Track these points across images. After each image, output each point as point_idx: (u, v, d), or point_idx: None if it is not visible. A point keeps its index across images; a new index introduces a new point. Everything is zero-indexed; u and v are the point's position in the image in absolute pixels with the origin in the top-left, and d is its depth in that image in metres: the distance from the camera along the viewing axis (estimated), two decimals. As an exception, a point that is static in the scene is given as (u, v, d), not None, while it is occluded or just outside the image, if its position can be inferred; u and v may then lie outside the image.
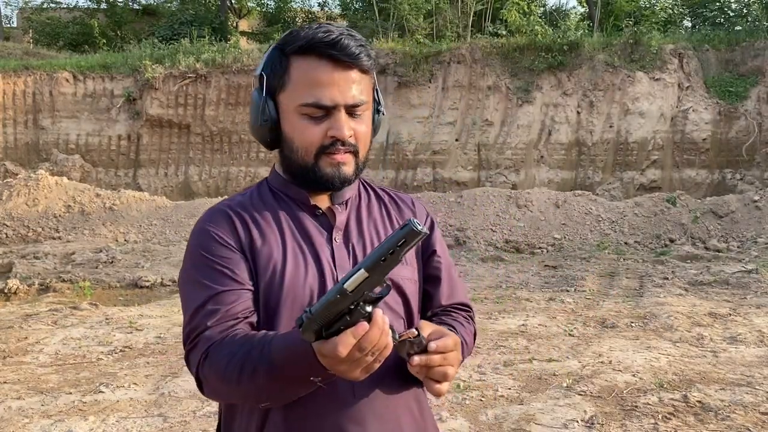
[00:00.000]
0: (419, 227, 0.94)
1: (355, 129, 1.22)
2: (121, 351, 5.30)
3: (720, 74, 13.51)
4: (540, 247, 10.34)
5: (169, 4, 25.75)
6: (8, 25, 27.85)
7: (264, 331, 1.13)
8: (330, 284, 1.21)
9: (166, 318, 6.36)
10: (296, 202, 1.28)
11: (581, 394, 4.11)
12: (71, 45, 22.75)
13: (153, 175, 14.44)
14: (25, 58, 17.56)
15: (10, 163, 14.15)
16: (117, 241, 10.85)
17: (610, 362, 4.74)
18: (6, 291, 7.77)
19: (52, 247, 10.00)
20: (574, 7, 40.02)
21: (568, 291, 7.43)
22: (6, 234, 11.04)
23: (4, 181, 12.52)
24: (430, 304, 1.37)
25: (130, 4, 25.87)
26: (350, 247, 1.27)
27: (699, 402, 3.92)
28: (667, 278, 7.87)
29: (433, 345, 1.12)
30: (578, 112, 13.43)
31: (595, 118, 13.31)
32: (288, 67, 1.21)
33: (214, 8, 24.57)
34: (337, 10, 24.58)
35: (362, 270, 0.95)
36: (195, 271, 1.20)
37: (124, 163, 14.62)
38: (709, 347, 5.10)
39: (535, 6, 18.92)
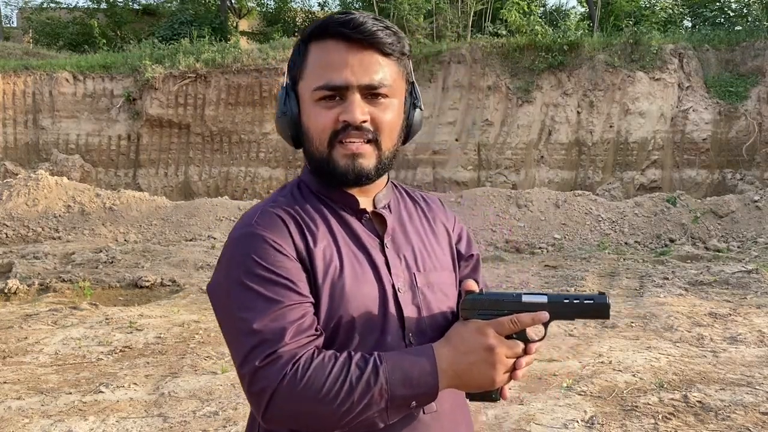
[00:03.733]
0: (610, 314, 1.06)
1: (374, 114, 1.12)
2: (121, 351, 5.30)
3: (720, 74, 13.50)
4: (540, 247, 10.34)
5: (169, 4, 25.75)
6: (8, 25, 27.87)
7: (359, 353, 1.07)
8: (389, 292, 1.16)
9: (166, 318, 6.35)
10: (341, 205, 1.20)
11: (581, 394, 4.11)
12: (71, 45, 22.75)
13: (153, 175, 14.44)
14: (25, 58, 17.56)
15: (10, 163, 14.14)
16: (117, 241, 10.84)
17: (610, 362, 4.74)
18: (6, 291, 7.75)
19: (52, 247, 9.99)
20: (574, 7, 40.05)
21: (568, 291, 7.43)
22: (6, 234, 11.03)
23: (4, 181, 12.51)
24: None
25: (130, 4, 25.88)
26: (401, 255, 1.20)
27: (699, 402, 3.92)
28: (667, 278, 7.86)
29: (533, 347, 1.13)
30: (578, 112, 13.43)
31: (595, 118, 13.31)
32: (306, 54, 1.16)
33: (214, 8, 24.56)
34: (337, 10, 24.54)
35: (545, 297, 1.04)
36: (250, 281, 1.08)
37: (124, 163, 14.62)
38: (709, 347, 5.10)
39: (535, 6, 18.94)
